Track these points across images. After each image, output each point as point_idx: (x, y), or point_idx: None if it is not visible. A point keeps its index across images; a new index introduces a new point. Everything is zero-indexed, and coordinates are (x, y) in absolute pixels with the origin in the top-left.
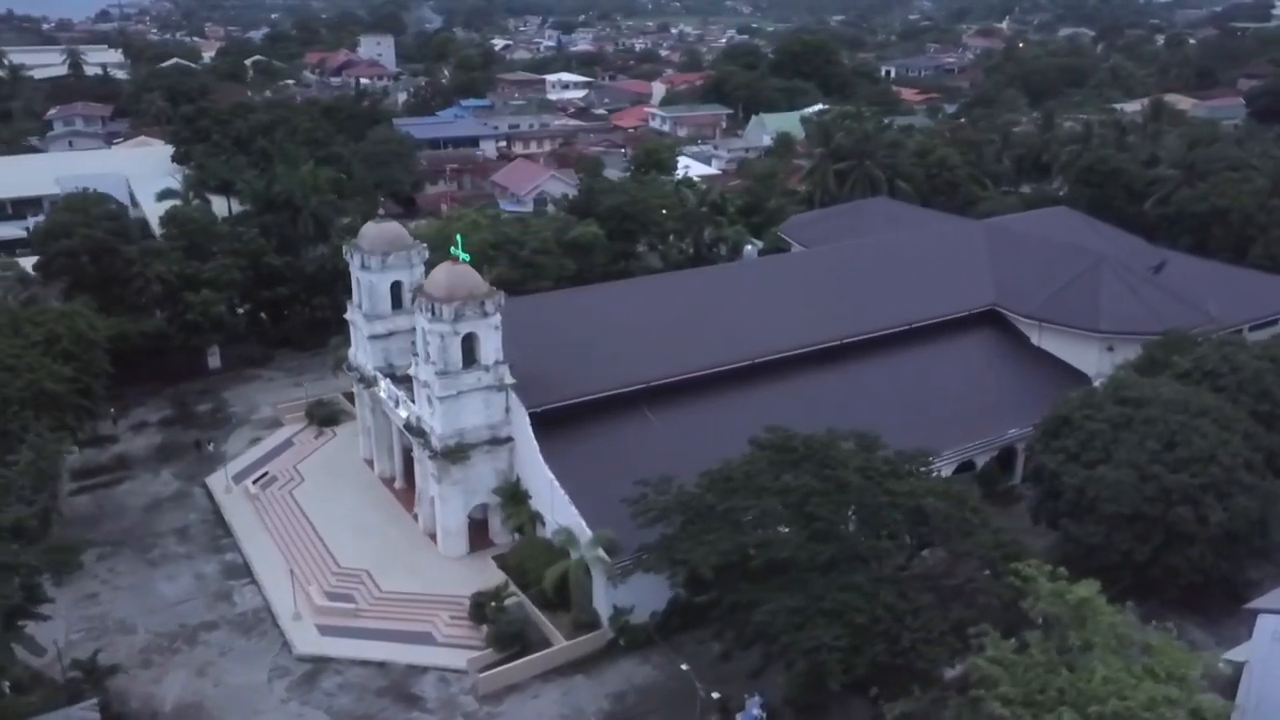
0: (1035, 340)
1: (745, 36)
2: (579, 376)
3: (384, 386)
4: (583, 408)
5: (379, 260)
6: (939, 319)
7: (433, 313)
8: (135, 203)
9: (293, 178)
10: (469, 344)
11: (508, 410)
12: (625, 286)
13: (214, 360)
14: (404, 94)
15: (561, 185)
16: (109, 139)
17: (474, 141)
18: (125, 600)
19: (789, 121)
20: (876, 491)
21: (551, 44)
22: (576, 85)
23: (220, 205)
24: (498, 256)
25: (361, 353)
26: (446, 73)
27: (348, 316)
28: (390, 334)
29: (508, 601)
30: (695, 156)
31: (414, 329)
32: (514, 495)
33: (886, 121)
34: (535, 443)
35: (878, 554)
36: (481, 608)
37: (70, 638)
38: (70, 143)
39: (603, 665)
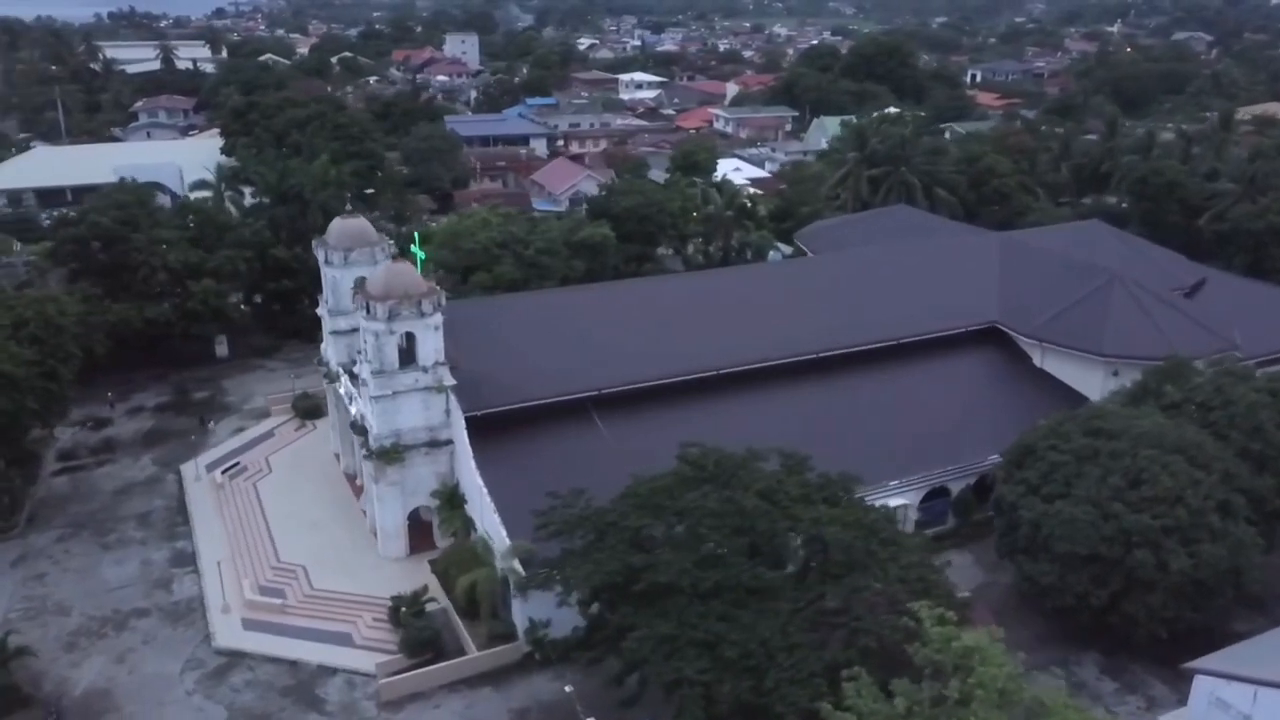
0: (1037, 361)
1: (838, 38)
2: (528, 381)
3: (343, 382)
4: (529, 413)
5: (341, 256)
6: (933, 334)
7: (368, 311)
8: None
9: (305, 171)
10: (407, 344)
11: (448, 413)
12: (600, 290)
13: (221, 349)
14: (474, 91)
15: (597, 185)
16: (186, 131)
17: (525, 140)
18: (69, 582)
19: None
20: (776, 516)
21: (637, 44)
22: (650, 85)
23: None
24: (502, 256)
25: (329, 348)
26: (525, 70)
27: (318, 311)
28: (353, 330)
29: (430, 608)
30: (750, 159)
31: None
32: (450, 499)
33: (941, 127)
34: (469, 447)
35: (761, 583)
36: (398, 611)
37: (8, 615)
38: (149, 134)
39: (514, 679)
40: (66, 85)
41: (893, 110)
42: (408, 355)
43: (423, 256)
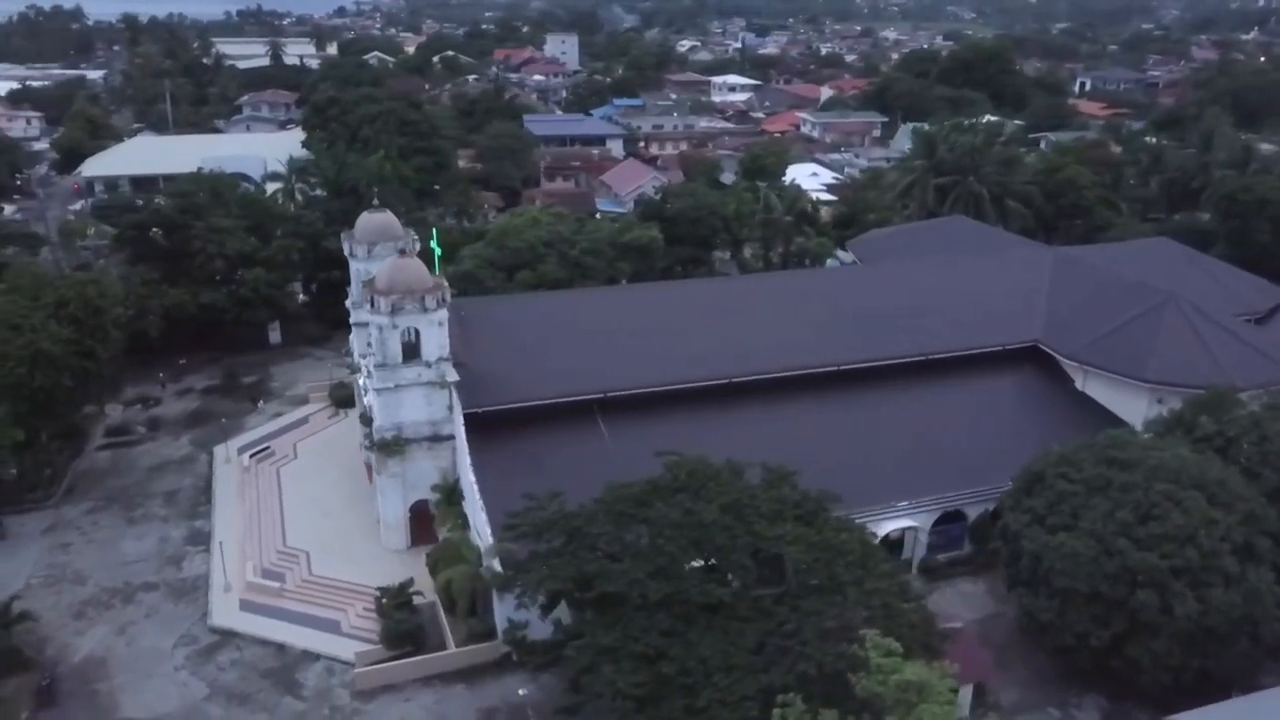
0: (1080, 385)
1: (949, 43)
2: (533, 381)
3: (362, 374)
4: (531, 413)
5: (365, 249)
6: (968, 351)
7: (372, 304)
8: None
9: (361, 166)
10: (410, 338)
11: (450, 408)
12: (623, 292)
13: (274, 336)
14: (564, 91)
15: (653, 187)
16: (284, 125)
17: (601, 140)
18: (90, 553)
19: None
20: (739, 532)
21: (739, 46)
22: (743, 88)
23: None
24: (548, 255)
25: (354, 340)
26: (621, 70)
27: (347, 304)
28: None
29: (419, 601)
30: (830, 164)
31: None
32: (450, 495)
33: (1034, 137)
34: (466, 443)
35: (709, 599)
36: (381, 602)
37: (30, 581)
38: (248, 126)
39: (487, 679)
40: (177, 79)
41: (991, 118)
42: (412, 350)
43: (439, 253)
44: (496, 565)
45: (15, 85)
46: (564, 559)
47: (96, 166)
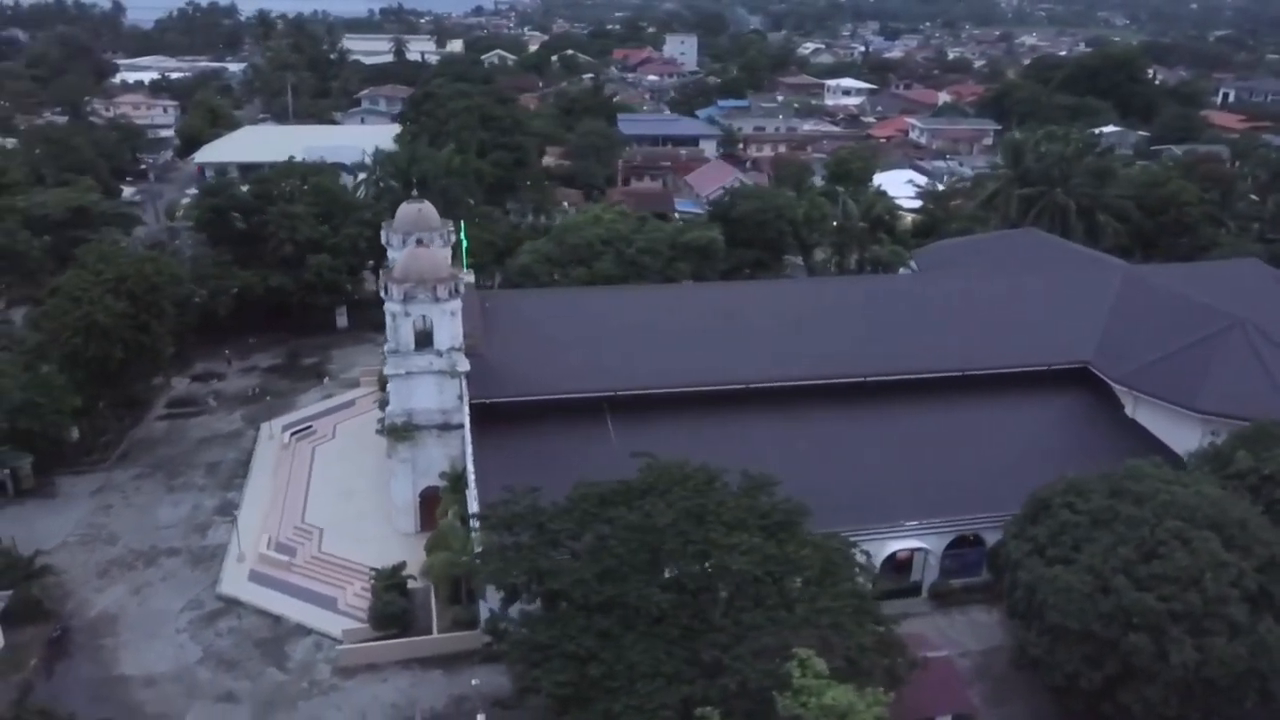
0: (1129, 411)
1: (1091, 50)
2: (546, 375)
3: None
4: (540, 407)
5: (400, 239)
6: (1010, 369)
7: (386, 292)
8: None
9: (432, 159)
10: (424, 326)
11: (460, 397)
12: (656, 292)
13: (341, 320)
14: (673, 91)
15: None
16: (396, 118)
17: (695, 140)
18: (128, 516)
19: None
20: (694, 538)
21: (865, 49)
22: (857, 92)
23: None
24: (605, 253)
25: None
26: (735, 70)
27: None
28: None
29: (415, 585)
30: (932, 171)
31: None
32: (456, 482)
33: (1157, 149)
34: (469, 433)
35: (647, 604)
36: (373, 583)
37: (67, 539)
38: (362, 119)
39: (464, 667)
40: (301, 72)
41: (1113, 128)
42: (425, 338)
43: (466, 244)
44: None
45: (156, 76)
46: (522, 553)
47: (209, 153)
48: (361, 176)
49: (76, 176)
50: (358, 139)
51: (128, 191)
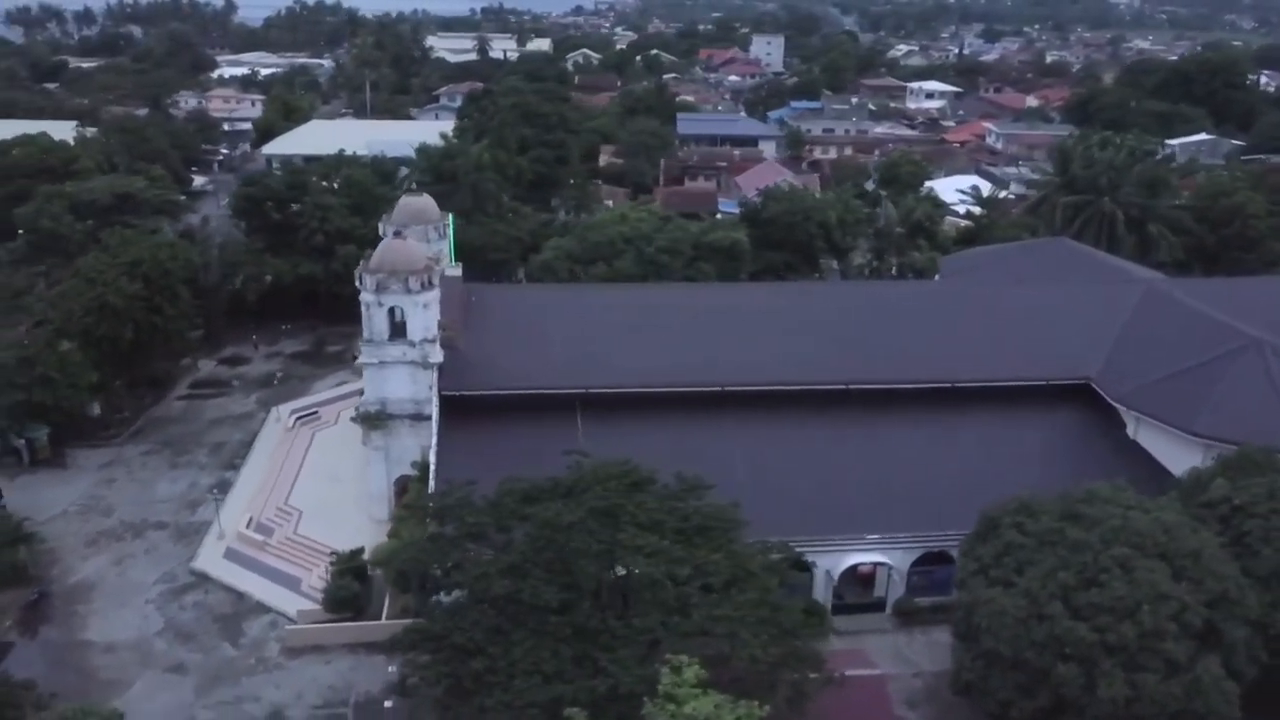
0: (1131, 432)
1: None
2: (520, 370)
3: None
4: (511, 401)
5: (402, 230)
6: (1003, 383)
7: (360, 281)
8: None
9: (465, 154)
10: (395, 317)
11: (431, 388)
12: (649, 291)
13: None
14: (745, 92)
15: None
16: (458, 114)
17: (754, 141)
18: (128, 489)
19: None
20: (601, 538)
21: (964, 51)
22: (940, 95)
23: None
24: (626, 251)
25: None
26: (816, 71)
27: None
28: None
29: (376, 572)
30: (999, 178)
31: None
32: (425, 471)
33: (1248, 159)
34: (436, 423)
35: (539, 602)
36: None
37: (68, 508)
38: (436, 115)
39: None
40: (382, 69)
41: (1203, 136)
42: (399, 329)
43: (454, 240)
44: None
45: (246, 71)
46: (436, 545)
47: (276, 146)
48: (404, 171)
49: (148, 165)
50: (418, 134)
51: (199, 180)
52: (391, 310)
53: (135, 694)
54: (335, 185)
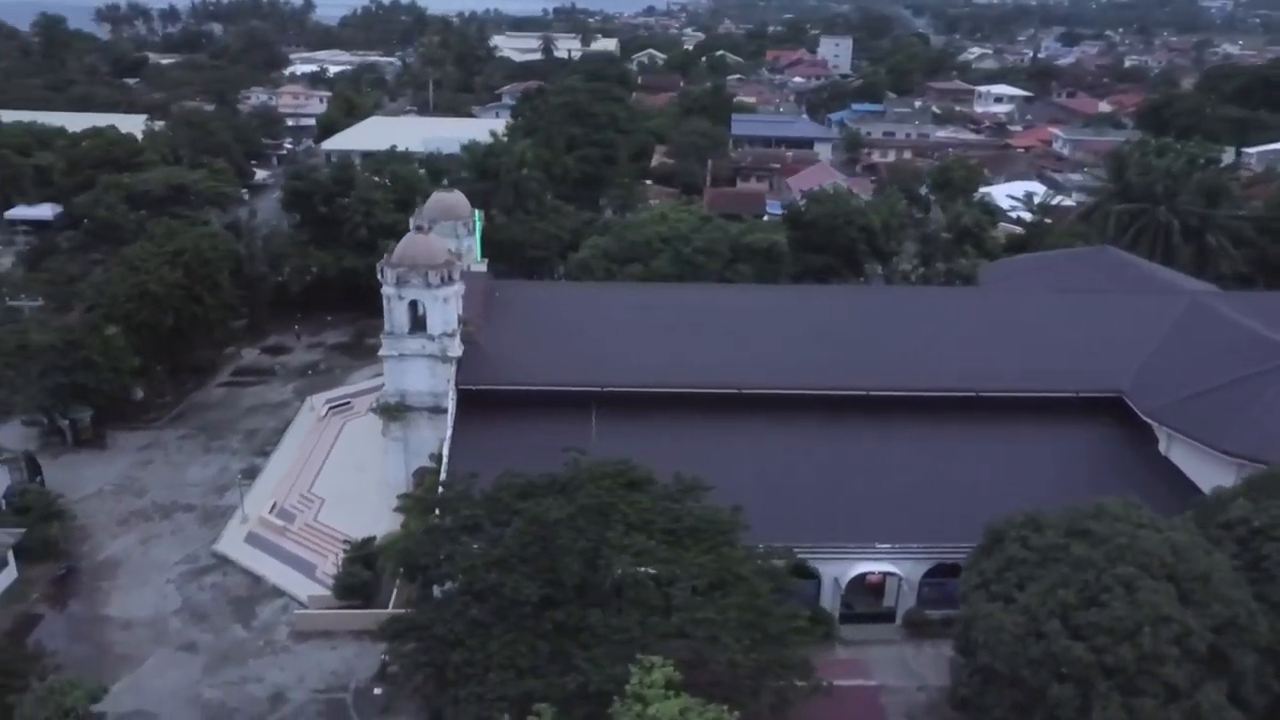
0: (1163, 448)
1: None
2: (536, 366)
3: None
4: (526, 397)
5: (426, 225)
6: (1029, 394)
7: (381, 275)
8: None
9: (507, 152)
10: (415, 311)
11: (449, 382)
12: (664, 291)
13: None
14: (808, 94)
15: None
16: (512, 112)
17: (809, 143)
18: (162, 472)
19: None
20: (590, 535)
21: (1040, 55)
22: (1010, 99)
23: None
24: (663, 251)
25: None
26: (882, 73)
27: None
28: None
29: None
30: (1062, 185)
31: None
32: (439, 464)
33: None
34: (452, 417)
35: (519, 596)
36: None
37: (104, 487)
38: (496, 114)
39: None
40: (446, 68)
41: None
42: (416, 321)
43: (480, 237)
44: None
45: (315, 69)
46: (429, 537)
47: (336, 141)
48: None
49: (211, 159)
50: (473, 132)
51: (260, 174)
52: (413, 304)
53: (146, 670)
54: (386, 181)
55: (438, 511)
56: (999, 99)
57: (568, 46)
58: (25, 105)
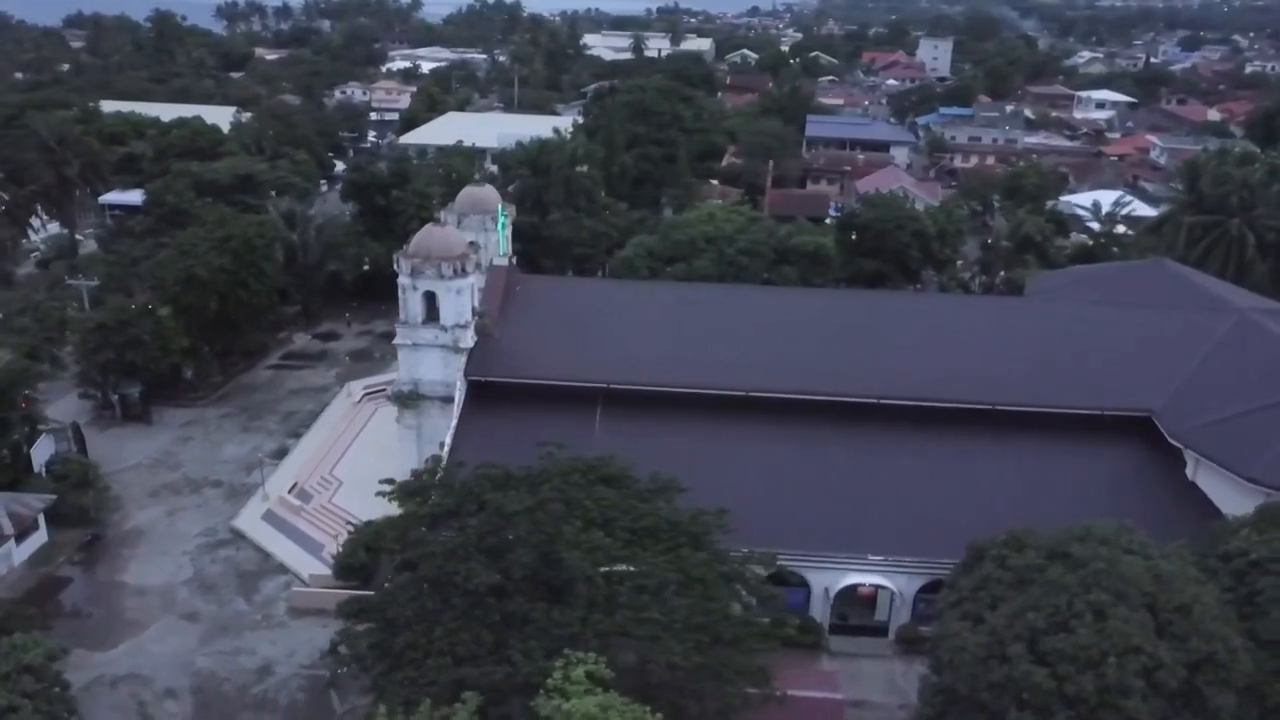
0: (1190, 472)
1: None
2: (545, 361)
3: None
4: (532, 391)
5: (455, 219)
6: (1051, 409)
7: (397, 265)
8: None
9: (559, 149)
10: (429, 302)
11: (459, 372)
12: (684, 290)
13: None
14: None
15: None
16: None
17: (886, 146)
18: (199, 448)
19: None
20: (547, 529)
21: (1154, 59)
22: (1112, 104)
23: None
24: (707, 250)
25: None
26: (980, 75)
27: None
28: None
29: None
30: (1154, 194)
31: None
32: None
33: None
34: (458, 407)
35: (467, 583)
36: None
37: (142, 460)
38: (579, 111)
39: None
40: (534, 66)
41: None
42: (431, 312)
43: (503, 230)
44: None
45: (409, 65)
46: (398, 523)
47: (414, 136)
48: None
49: (293, 150)
50: (546, 129)
51: (340, 166)
52: (428, 295)
53: (149, 635)
54: (454, 176)
55: (412, 498)
56: (1100, 105)
57: (658, 46)
58: (128, 96)
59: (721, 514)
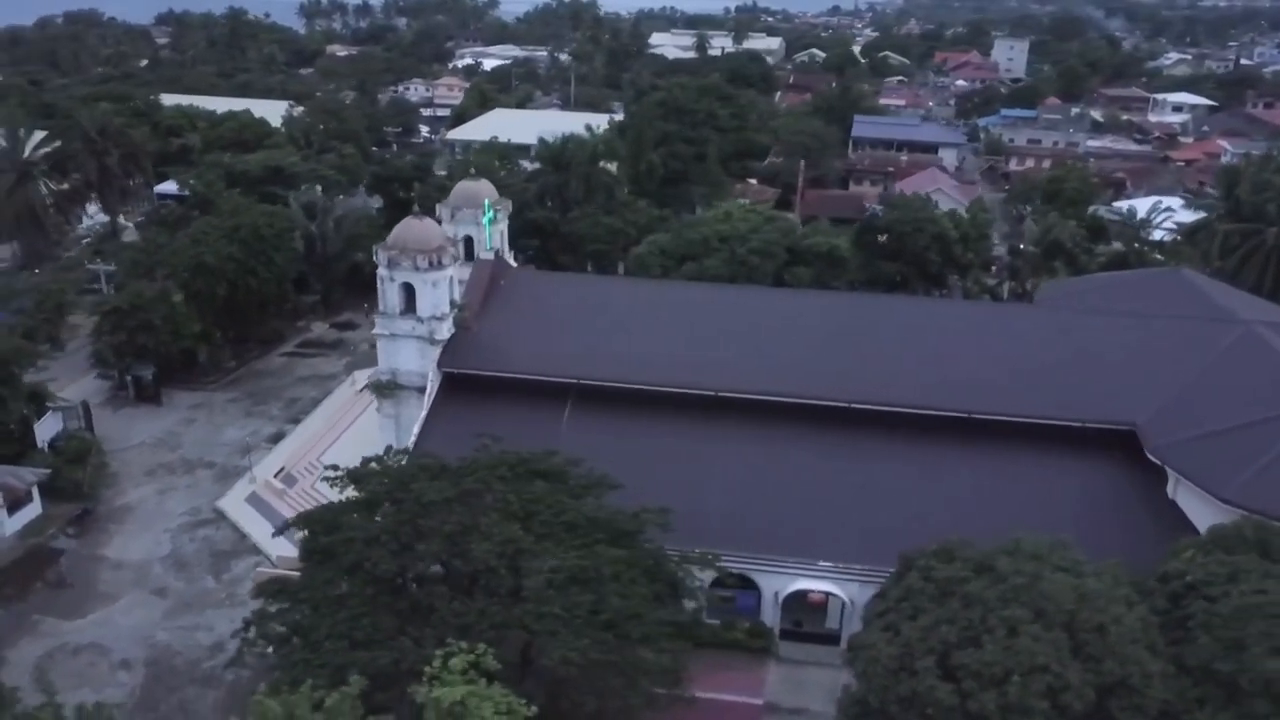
0: (1170, 490)
1: None
2: (518, 355)
3: None
4: (503, 384)
5: (449, 213)
6: (1026, 419)
7: (374, 255)
8: None
9: (582, 145)
10: (407, 293)
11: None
12: (671, 289)
13: None
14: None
15: (949, 199)
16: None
17: (934, 148)
18: (201, 430)
19: None
20: (464, 520)
21: (1240, 60)
22: (1190, 108)
23: None
24: (719, 250)
25: None
26: (1054, 75)
27: None
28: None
29: None
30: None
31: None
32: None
33: None
34: (429, 398)
35: (376, 570)
36: None
37: (145, 439)
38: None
39: None
40: (592, 63)
41: None
42: (408, 303)
43: (489, 224)
44: None
45: (471, 62)
46: (329, 509)
47: (460, 131)
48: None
49: (340, 144)
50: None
51: None
52: (406, 286)
53: (117, 608)
54: (473, 171)
55: (351, 484)
56: (1178, 108)
57: (721, 44)
58: (196, 90)
59: (664, 513)
